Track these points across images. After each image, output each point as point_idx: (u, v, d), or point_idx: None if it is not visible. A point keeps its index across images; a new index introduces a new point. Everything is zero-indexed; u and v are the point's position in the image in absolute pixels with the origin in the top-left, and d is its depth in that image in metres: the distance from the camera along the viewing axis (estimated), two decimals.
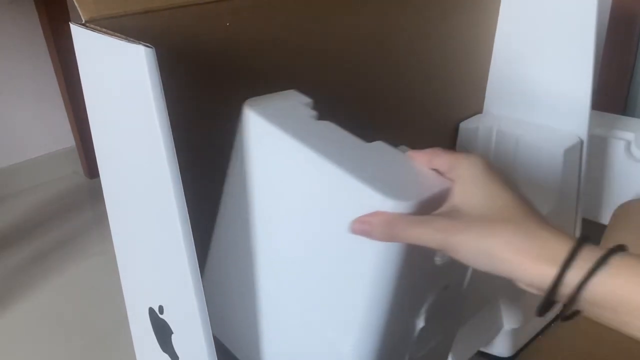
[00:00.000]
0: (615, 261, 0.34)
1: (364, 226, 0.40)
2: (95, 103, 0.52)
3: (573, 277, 0.34)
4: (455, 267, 0.45)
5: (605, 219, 0.95)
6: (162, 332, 0.53)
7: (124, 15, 0.50)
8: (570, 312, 0.36)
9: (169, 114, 0.41)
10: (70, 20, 0.50)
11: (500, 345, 0.85)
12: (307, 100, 0.51)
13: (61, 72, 1.45)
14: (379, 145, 0.46)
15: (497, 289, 0.81)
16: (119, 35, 0.43)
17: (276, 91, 0.65)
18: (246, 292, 0.52)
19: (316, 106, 0.52)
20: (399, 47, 0.77)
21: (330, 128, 0.48)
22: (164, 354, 0.55)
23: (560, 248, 0.36)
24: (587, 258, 0.35)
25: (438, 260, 0.44)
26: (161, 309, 0.52)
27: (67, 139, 1.59)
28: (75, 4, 0.47)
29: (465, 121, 0.92)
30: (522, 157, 0.85)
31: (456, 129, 0.93)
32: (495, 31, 0.90)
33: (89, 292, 1.10)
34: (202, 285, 0.45)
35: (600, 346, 0.87)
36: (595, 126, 0.94)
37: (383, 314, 0.42)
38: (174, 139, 0.42)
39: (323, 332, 0.46)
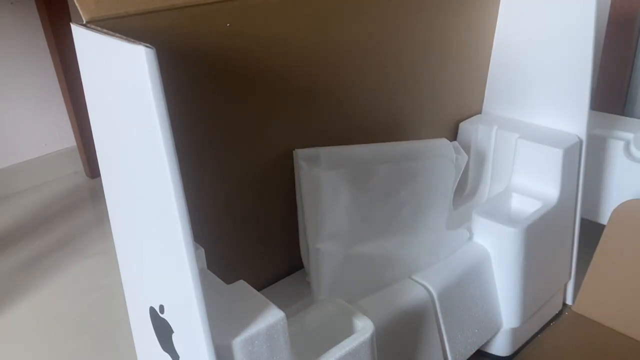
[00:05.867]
0: None
1: None
2: (96, 103, 0.52)
3: None
4: None
5: (604, 218, 0.95)
6: (163, 331, 0.54)
7: (125, 15, 0.50)
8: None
9: (169, 114, 0.42)
10: (71, 21, 0.50)
11: (500, 345, 0.85)
12: None
13: (62, 72, 1.46)
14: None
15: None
16: (119, 35, 0.43)
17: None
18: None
19: None
20: (399, 48, 0.77)
21: None
22: (165, 353, 0.55)
23: None
24: None
25: None
26: (162, 308, 0.52)
27: (68, 139, 1.59)
28: (76, 4, 0.48)
29: (465, 121, 0.93)
30: (521, 157, 0.85)
31: (456, 129, 0.93)
32: (494, 32, 0.90)
33: (89, 292, 1.10)
34: (202, 285, 0.45)
35: (598, 345, 0.87)
36: (593, 126, 0.94)
37: None
38: (174, 139, 0.42)
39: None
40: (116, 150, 0.51)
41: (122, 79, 0.45)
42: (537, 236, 0.80)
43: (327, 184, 0.68)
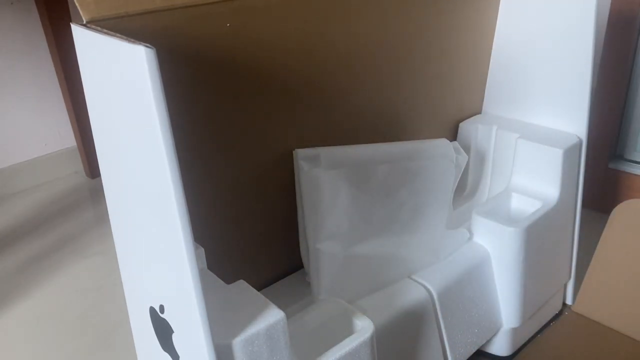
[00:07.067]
0: None
1: None
2: (96, 103, 0.52)
3: None
4: None
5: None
6: (163, 331, 0.54)
7: (125, 15, 0.50)
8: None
9: (169, 114, 0.42)
10: (71, 21, 0.50)
11: (500, 345, 0.85)
12: None
13: (62, 72, 1.46)
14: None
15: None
16: (119, 35, 0.43)
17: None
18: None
19: None
20: (399, 48, 0.77)
21: None
22: (165, 353, 0.55)
23: None
24: None
25: None
26: (162, 308, 0.52)
27: (68, 139, 1.59)
28: (76, 4, 0.48)
29: (465, 121, 0.93)
30: (521, 157, 0.85)
31: (456, 129, 0.93)
32: (494, 32, 0.90)
33: (89, 292, 1.10)
34: (202, 285, 0.45)
35: (598, 345, 0.87)
36: None
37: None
38: (174, 138, 0.42)
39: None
40: (116, 150, 0.51)
41: (122, 79, 0.45)
42: (537, 236, 0.80)
43: (327, 184, 0.68)
